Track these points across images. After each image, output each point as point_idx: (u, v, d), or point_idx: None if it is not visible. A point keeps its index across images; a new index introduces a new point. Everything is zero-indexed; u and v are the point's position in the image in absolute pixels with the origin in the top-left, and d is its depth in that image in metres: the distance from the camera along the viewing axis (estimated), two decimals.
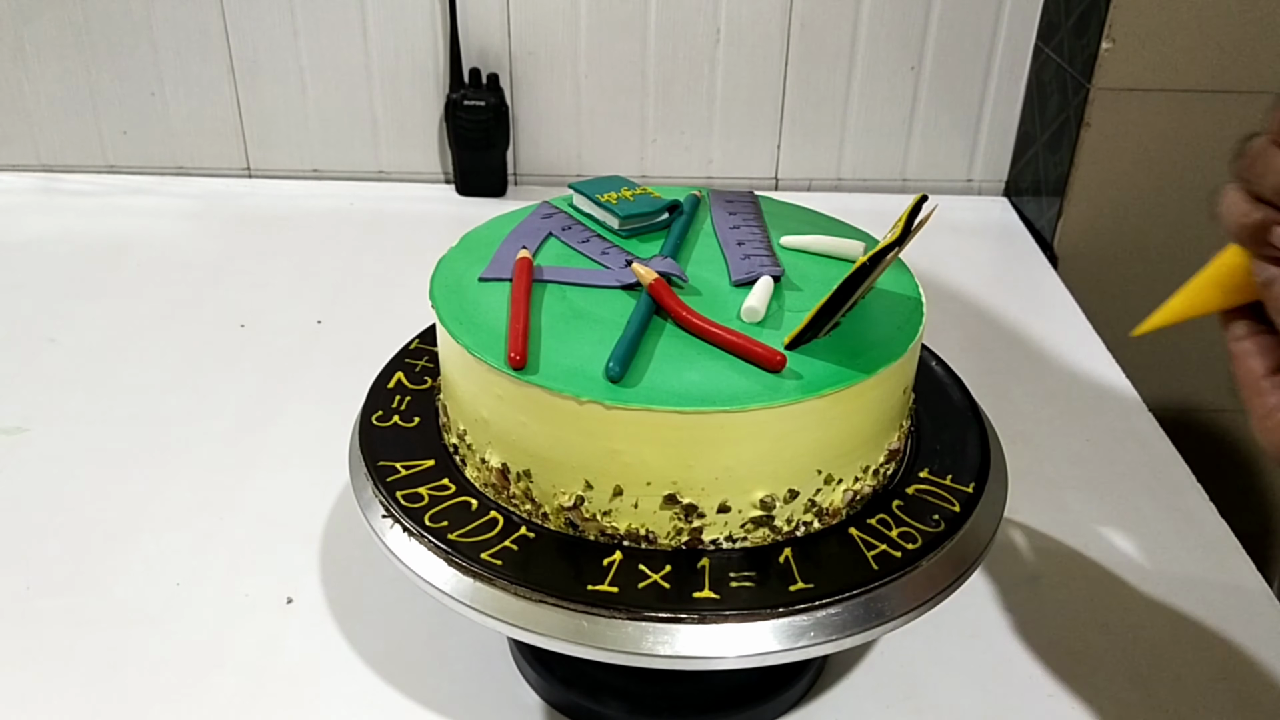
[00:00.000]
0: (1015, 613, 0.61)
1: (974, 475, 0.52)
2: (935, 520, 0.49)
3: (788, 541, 0.48)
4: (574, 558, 0.47)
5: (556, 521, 0.48)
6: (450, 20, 1.06)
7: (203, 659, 0.56)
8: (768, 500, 0.46)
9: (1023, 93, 1.12)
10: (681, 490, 0.45)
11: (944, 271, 1.00)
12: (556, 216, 0.60)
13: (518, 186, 1.16)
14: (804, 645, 0.44)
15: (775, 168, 1.17)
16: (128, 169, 1.15)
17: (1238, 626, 0.61)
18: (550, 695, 0.54)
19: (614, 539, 0.47)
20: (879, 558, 0.47)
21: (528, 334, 0.47)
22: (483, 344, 0.47)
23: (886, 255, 0.45)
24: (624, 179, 0.61)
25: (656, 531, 0.47)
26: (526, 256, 0.53)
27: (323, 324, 0.89)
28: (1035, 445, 0.49)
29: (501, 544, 0.47)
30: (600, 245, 0.56)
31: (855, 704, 0.55)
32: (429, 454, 0.53)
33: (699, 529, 0.46)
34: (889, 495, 0.51)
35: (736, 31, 1.09)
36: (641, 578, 0.45)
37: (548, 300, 0.51)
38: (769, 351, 0.46)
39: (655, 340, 0.48)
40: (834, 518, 0.49)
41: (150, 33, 1.08)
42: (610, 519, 0.47)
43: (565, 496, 0.47)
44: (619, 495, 0.46)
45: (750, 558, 0.47)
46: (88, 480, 0.69)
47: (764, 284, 0.51)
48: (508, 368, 0.45)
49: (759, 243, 0.57)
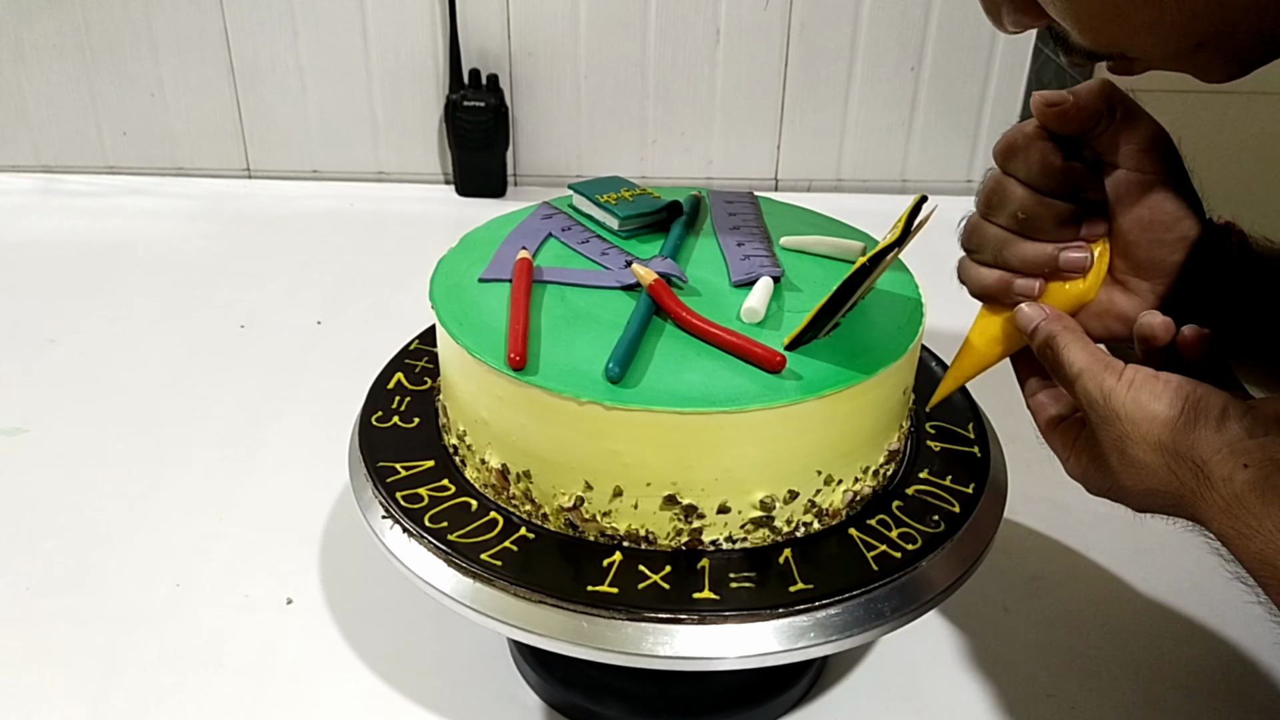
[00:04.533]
0: (1015, 613, 0.61)
1: (973, 475, 0.52)
2: (935, 521, 0.49)
3: (788, 542, 0.48)
4: (574, 558, 0.47)
5: (556, 522, 0.48)
6: (450, 20, 1.06)
7: (203, 659, 0.56)
8: (767, 501, 0.46)
9: (1023, 93, 1.12)
10: (681, 491, 0.45)
11: (944, 271, 1.00)
12: (556, 217, 0.60)
13: (517, 187, 1.16)
14: (804, 646, 0.44)
15: (775, 168, 1.17)
16: (128, 169, 1.15)
17: (1238, 627, 0.61)
18: (550, 695, 0.54)
19: (614, 540, 0.47)
20: (879, 558, 0.47)
21: (527, 335, 0.47)
22: (483, 345, 0.47)
23: (886, 256, 0.45)
24: (624, 180, 0.61)
25: (656, 532, 0.47)
26: (526, 257, 0.53)
27: (323, 324, 0.89)
28: (1035, 445, 0.49)
29: (501, 545, 0.47)
30: (600, 246, 0.56)
31: (855, 704, 0.55)
32: (429, 455, 0.53)
33: (699, 530, 0.46)
34: (889, 496, 0.51)
35: (736, 31, 1.09)
36: (641, 578, 0.45)
37: (547, 301, 0.51)
38: (769, 352, 0.46)
39: (655, 341, 0.48)
40: (834, 518, 0.49)
41: (150, 33, 1.08)
42: (610, 520, 0.47)
43: (565, 497, 0.47)
44: (619, 496, 0.46)
45: (750, 558, 0.47)
46: (88, 480, 0.69)
47: (764, 285, 0.51)
48: (507, 368, 0.45)
49: (759, 243, 0.57)
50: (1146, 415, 0.41)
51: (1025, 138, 0.46)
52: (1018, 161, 0.46)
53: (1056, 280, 0.47)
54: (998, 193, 0.47)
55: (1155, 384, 0.42)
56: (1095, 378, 0.43)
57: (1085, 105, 0.44)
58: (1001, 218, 0.47)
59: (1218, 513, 0.39)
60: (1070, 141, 0.46)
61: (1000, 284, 0.48)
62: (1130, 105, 0.45)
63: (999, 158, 0.47)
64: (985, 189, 0.48)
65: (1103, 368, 0.43)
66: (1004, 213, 0.47)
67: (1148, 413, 0.41)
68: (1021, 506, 0.68)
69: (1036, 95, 0.45)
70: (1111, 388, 0.42)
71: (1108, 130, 0.45)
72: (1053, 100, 0.44)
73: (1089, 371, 0.43)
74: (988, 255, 0.48)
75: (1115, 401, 0.42)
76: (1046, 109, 0.45)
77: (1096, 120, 0.44)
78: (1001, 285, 0.48)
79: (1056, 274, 0.47)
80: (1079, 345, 0.45)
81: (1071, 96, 0.44)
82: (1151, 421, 0.41)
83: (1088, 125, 0.45)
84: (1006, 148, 0.46)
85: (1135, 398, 0.42)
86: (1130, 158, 0.45)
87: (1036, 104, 0.45)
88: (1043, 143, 0.45)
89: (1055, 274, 0.47)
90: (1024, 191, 0.46)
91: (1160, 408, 0.41)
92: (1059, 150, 0.45)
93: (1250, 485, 0.38)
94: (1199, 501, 0.40)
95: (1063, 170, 0.45)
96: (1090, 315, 0.48)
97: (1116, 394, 0.42)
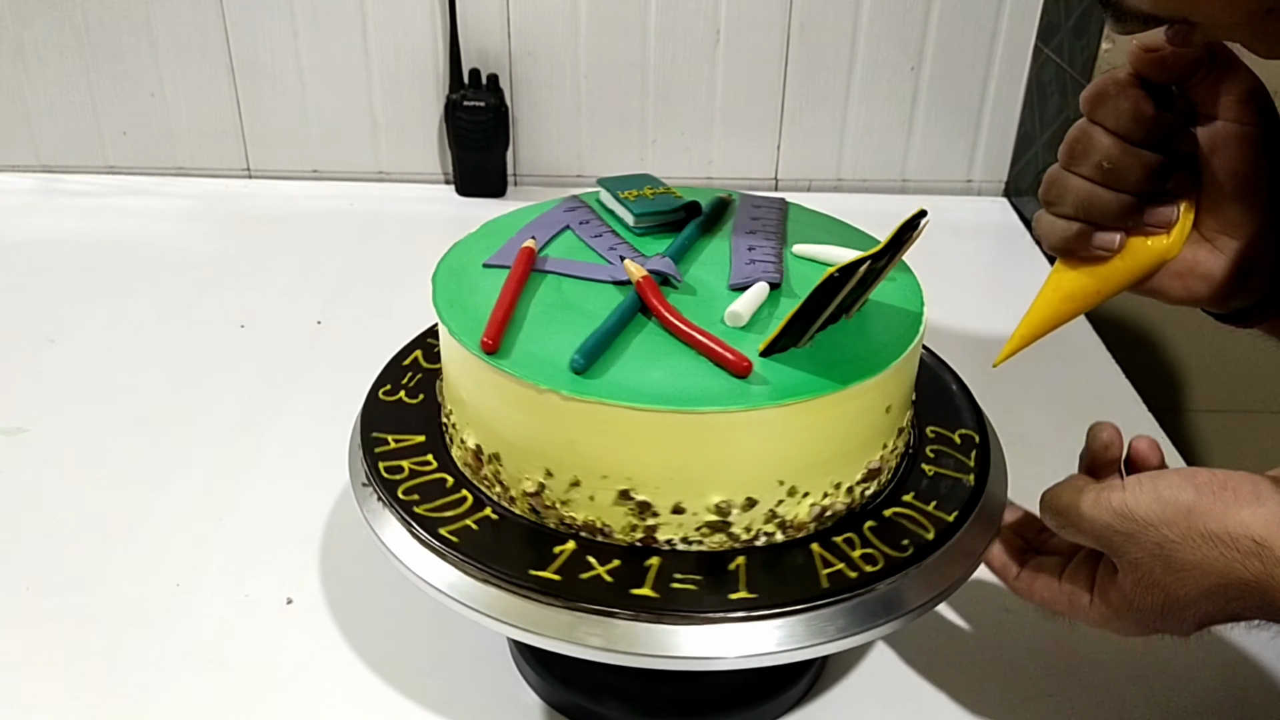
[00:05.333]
0: (1015, 613, 0.61)
1: (961, 504, 0.50)
2: (905, 545, 0.47)
3: (745, 550, 0.47)
4: (529, 543, 0.47)
5: (521, 506, 0.48)
6: (450, 20, 1.06)
7: (203, 659, 0.56)
8: (723, 506, 0.46)
9: (1023, 93, 1.12)
10: (636, 487, 0.45)
11: (944, 271, 1.00)
12: (579, 210, 0.60)
13: (517, 187, 1.16)
14: (804, 646, 0.44)
15: (775, 168, 1.17)
16: (128, 169, 1.15)
17: (1238, 627, 0.61)
18: (550, 695, 0.54)
19: (573, 529, 0.47)
20: (833, 576, 0.46)
21: (507, 321, 0.48)
22: (464, 327, 0.48)
23: (859, 268, 0.44)
24: (652, 177, 0.61)
25: (612, 526, 0.47)
26: (530, 246, 0.54)
27: (322, 324, 0.89)
28: (1035, 445, 0.49)
29: (462, 522, 0.48)
30: (610, 241, 0.56)
31: (855, 704, 0.55)
32: (422, 430, 0.54)
33: (654, 527, 0.46)
34: (866, 515, 0.49)
35: (736, 32, 1.09)
36: (587, 569, 0.46)
37: (542, 290, 0.52)
38: (737, 356, 0.45)
39: (633, 337, 0.48)
40: (799, 531, 0.48)
41: (150, 33, 1.08)
42: (569, 509, 0.47)
43: (529, 483, 0.47)
44: (576, 486, 0.46)
45: (703, 561, 0.46)
46: (88, 480, 0.69)
47: (757, 290, 0.51)
48: (480, 351, 0.46)
49: (769, 249, 0.56)
50: (1180, 510, 0.39)
51: (1117, 85, 0.44)
52: (1106, 109, 0.44)
53: (1139, 235, 0.46)
54: (1083, 141, 0.45)
55: (1168, 478, 0.40)
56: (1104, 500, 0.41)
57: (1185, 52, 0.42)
58: (1085, 168, 0.45)
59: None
60: (1162, 91, 0.44)
61: (1080, 236, 0.46)
62: (1229, 54, 0.43)
63: (1087, 106, 0.45)
64: (1070, 138, 0.45)
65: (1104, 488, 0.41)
66: (1088, 162, 0.45)
67: (1180, 507, 0.39)
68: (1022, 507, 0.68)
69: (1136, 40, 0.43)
70: (1124, 499, 0.40)
71: (1206, 79, 0.42)
72: (1152, 45, 0.42)
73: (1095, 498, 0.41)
74: (1068, 207, 0.46)
75: (1140, 510, 0.40)
76: (1145, 54, 0.42)
77: (1195, 68, 0.42)
78: (1081, 237, 0.46)
79: (1140, 228, 0.45)
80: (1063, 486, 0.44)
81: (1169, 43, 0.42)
82: (1189, 514, 0.39)
83: (1186, 73, 0.43)
84: (1096, 95, 0.44)
85: (1158, 497, 0.39)
86: (1229, 108, 0.43)
87: (1134, 50, 0.43)
88: (1134, 90, 0.43)
89: (1138, 228, 0.45)
90: (1111, 140, 0.44)
91: (1189, 498, 0.39)
92: (1149, 99, 0.43)
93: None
94: (1269, 581, 0.38)
95: (1154, 119, 0.43)
96: (1171, 274, 0.46)
97: (1137, 503, 0.40)
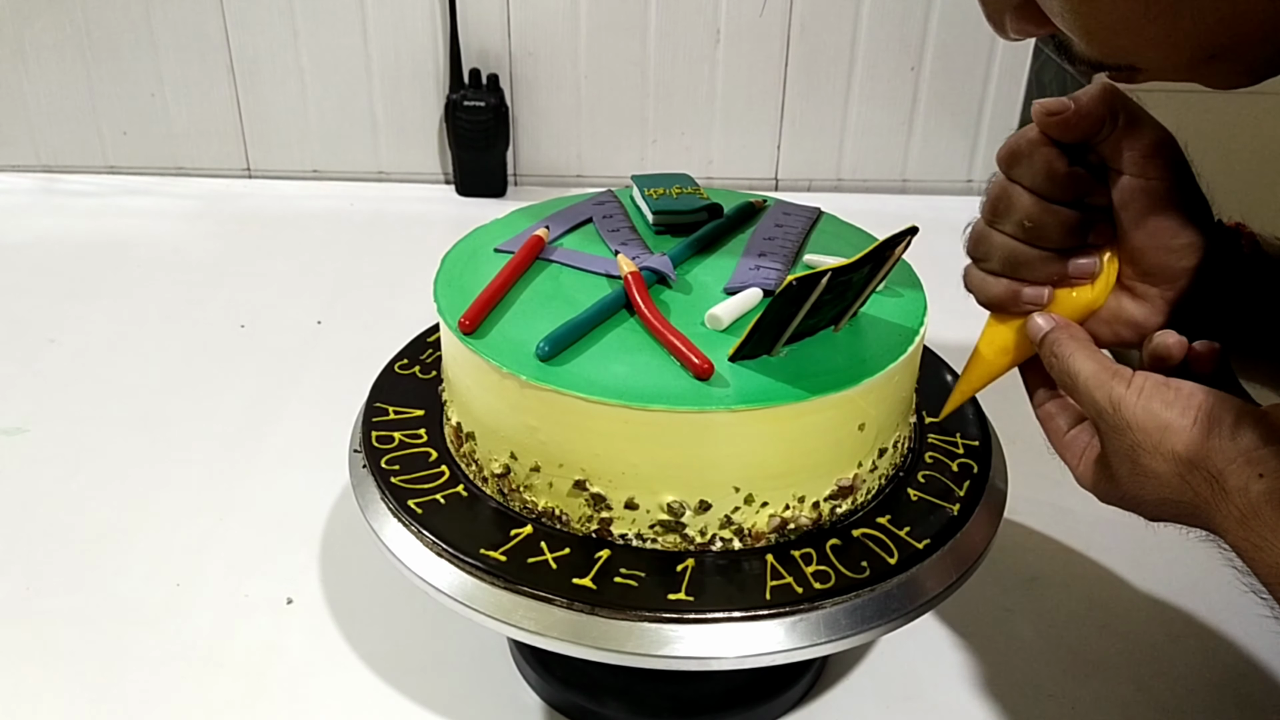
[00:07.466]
0: (1015, 613, 0.61)
1: (938, 533, 0.49)
2: (863, 568, 0.46)
3: (698, 553, 0.47)
4: (488, 522, 0.48)
5: (491, 487, 0.49)
6: (450, 20, 1.06)
7: (203, 659, 0.56)
8: (676, 506, 0.46)
9: (1023, 93, 1.12)
10: (590, 479, 0.46)
11: (944, 271, 1.00)
12: (608, 204, 0.60)
13: (518, 187, 1.16)
14: (804, 646, 0.44)
15: (775, 168, 1.17)
16: (128, 169, 1.15)
17: (1238, 626, 0.61)
18: (550, 695, 0.54)
19: (533, 514, 0.48)
20: (779, 589, 0.45)
21: (492, 304, 0.49)
22: (452, 306, 0.49)
23: (821, 280, 0.43)
24: (685, 176, 0.61)
25: (570, 514, 0.47)
26: (539, 235, 0.54)
27: (323, 324, 0.89)
28: (1035, 445, 0.49)
29: (431, 496, 0.49)
30: (625, 236, 0.56)
31: (855, 704, 0.55)
32: (424, 404, 0.55)
33: (609, 520, 0.46)
34: (833, 532, 0.48)
35: (736, 32, 1.09)
36: (536, 554, 0.46)
37: (542, 278, 0.52)
38: (700, 358, 0.45)
39: (610, 331, 0.48)
40: (757, 540, 0.47)
41: (150, 33, 1.08)
42: (531, 494, 0.48)
43: (497, 464, 0.48)
44: (536, 471, 0.47)
45: (652, 560, 0.46)
46: (88, 480, 0.69)
47: (746, 295, 0.50)
48: (457, 331, 0.47)
49: (780, 256, 0.55)
50: (1159, 424, 0.40)
51: (1029, 144, 0.45)
52: (1022, 168, 0.45)
53: (1065, 288, 0.47)
54: (1003, 200, 0.46)
55: (1166, 392, 0.41)
56: (1104, 386, 0.42)
57: (1086, 112, 0.43)
58: (1008, 225, 0.46)
59: (1233, 524, 0.38)
60: (1075, 147, 0.45)
61: (1008, 293, 0.47)
62: (1133, 110, 0.44)
63: (1003, 164, 0.46)
64: (990, 196, 0.47)
65: (1111, 376, 0.42)
66: (1010, 220, 0.46)
67: (1160, 422, 0.40)
68: (1022, 508, 0.68)
69: (1037, 104, 0.44)
70: (1121, 396, 0.41)
71: (1110, 136, 0.44)
72: (1053, 109, 0.44)
73: (1097, 380, 0.43)
74: (994, 264, 0.47)
75: (1126, 411, 0.41)
76: (1047, 118, 0.44)
77: (1099, 127, 0.43)
78: (1010, 294, 0.47)
79: (1065, 281, 0.46)
80: (1086, 354, 0.44)
81: (1073, 103, 0.43)
82: (1164, 431, 0.40)
83: (1090, 132, 0.44)
84: (1010, 154, 0.45)
85: (1146, 406, 0.41)
86: (1134, 164, 0.44)
87: (1037, 112, 0.44)
88: (1046, 149, 0.44)
89: (1064, 281, 0.46)
90: (1029, 199, 0.45)
91: (1172, 416, 0.40)
92: (1063, 156, 0.44)
93: (1266, 496, 0.37)
94: (1214, 512, 0.39)
95: (1067, 176, 0.44)
96: (1099, 322, 0.47)
97: (1127, 403, 0.41)
